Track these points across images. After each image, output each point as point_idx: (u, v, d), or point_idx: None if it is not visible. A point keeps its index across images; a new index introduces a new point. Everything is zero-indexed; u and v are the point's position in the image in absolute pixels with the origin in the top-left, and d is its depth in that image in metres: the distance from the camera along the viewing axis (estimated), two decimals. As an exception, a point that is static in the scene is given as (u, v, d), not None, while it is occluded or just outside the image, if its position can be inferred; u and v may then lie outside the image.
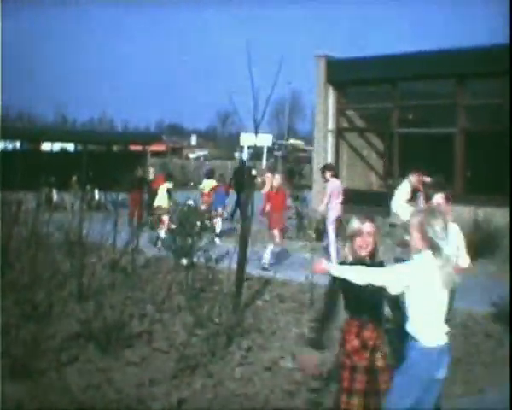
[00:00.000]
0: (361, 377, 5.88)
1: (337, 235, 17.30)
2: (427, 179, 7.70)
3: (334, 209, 17.57)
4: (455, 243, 7.04)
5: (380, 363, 5.92)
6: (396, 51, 25.30)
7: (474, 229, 17.36)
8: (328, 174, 17.89)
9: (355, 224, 6.10)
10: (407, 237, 6.07)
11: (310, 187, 27.97)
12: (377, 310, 6.08)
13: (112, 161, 34.64)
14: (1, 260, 11.66)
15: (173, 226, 14.01)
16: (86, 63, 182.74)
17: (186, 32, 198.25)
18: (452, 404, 7.58)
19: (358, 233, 6.02)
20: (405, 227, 6.31)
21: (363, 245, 6.03)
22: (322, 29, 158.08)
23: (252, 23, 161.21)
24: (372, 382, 5.90)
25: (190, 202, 14.31)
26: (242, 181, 24.92)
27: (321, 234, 21.06)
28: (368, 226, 6.08)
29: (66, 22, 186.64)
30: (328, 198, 17.55)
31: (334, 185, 17.69)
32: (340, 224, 17.14)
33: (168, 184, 21.61)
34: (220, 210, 22.85)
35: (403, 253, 11.24)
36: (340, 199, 17.68)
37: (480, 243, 16.16)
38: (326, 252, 17.48)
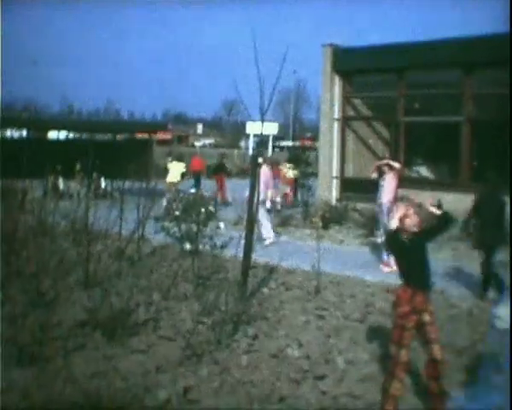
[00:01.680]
0: (408, 335, 6.97)
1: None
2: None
3: (263, 192, 18.58)
4: None
5: (427, 318, 7.02)
6: (402, 40, 25.19)
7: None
8: (263, 162, 19.47)
9: None
10: None
11: (316, 175, 27.94)
12: (427, 279, 7.17)
13: (118, 150, 34.60)
14: (7, 249, 11.67)
15: (177, 213, 14.01)
16: (93, 55, 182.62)
17: (191, 21, 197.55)
18: (458, 392, 7.59)
19: None
20: None
21: None
22: (329, 18, 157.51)
23: (258, 12, 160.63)
24: (423, 335, 7.06)
25: (193, 190, 14.43)
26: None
27: (327, 222, 21.16)
28: None
29: (73, 13, 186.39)
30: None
31: (263, 172, 18.68)
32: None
33: (181, 164, 28.70)
34: (270, 192, 24.78)
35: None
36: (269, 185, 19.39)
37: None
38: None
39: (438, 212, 7.22)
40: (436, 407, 7.12)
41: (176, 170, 28.42)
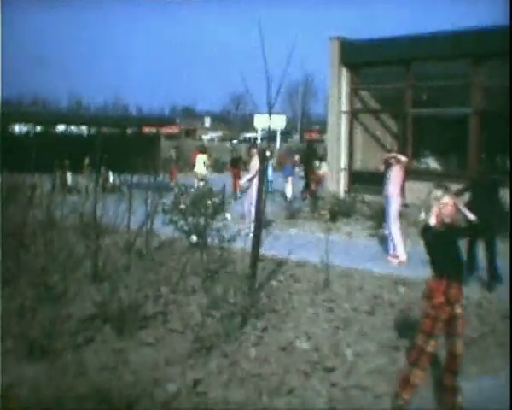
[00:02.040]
0: (441, 326, 6.96)
1: None
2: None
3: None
4: None
5: (458, 311, 7.03)
6: (410, 32, 25.15)
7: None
8: (253, 151, 20.25)
9: None
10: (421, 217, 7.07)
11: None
12: (461, 271, 7.27)
13: (126, 144, 34.65)
14: (16, 243, 11.69)
15: (182, 206, 14.02)
16: (101, 50, 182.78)
17: (199, 15, 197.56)
18: (468, 384, 7.58)
19: None
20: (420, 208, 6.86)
21: None
22: (336, 10, 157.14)
23: (265, 5, 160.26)
24: (452, 327, 7.03)
25: (201, 184, 14.50)
26: (310, 161, 30.54)
27: (335, 214, 21.16)
28: None
29: (81, 10, 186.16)
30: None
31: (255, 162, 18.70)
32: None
33: (204, 156, 32.21)
34: (290, 179, 29.42)
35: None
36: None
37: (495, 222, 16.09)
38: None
39: (471, 217, 7.20)
40: (447, 400, 7.12)
41: (201, 161, 31.97)
